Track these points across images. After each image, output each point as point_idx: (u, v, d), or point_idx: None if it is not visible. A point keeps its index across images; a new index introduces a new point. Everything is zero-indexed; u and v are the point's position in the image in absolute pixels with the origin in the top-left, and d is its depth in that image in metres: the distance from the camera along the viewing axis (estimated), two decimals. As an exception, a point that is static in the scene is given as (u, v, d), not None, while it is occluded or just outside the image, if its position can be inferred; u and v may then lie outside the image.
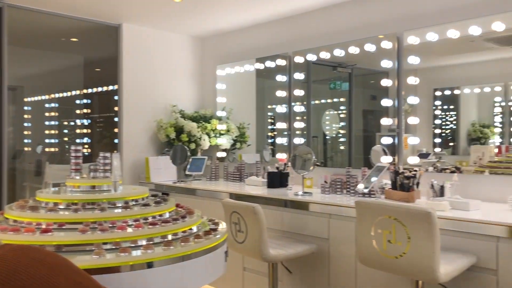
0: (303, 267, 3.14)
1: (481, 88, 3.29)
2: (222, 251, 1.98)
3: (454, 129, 3.37)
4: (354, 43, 3.75)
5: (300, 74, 4.20)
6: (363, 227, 2.37)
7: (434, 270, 2.09)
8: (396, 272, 2.28)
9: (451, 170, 3.20)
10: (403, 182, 2.95)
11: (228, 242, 2.92)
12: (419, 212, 2.13)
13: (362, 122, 3.96)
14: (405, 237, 2.18)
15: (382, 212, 2.27)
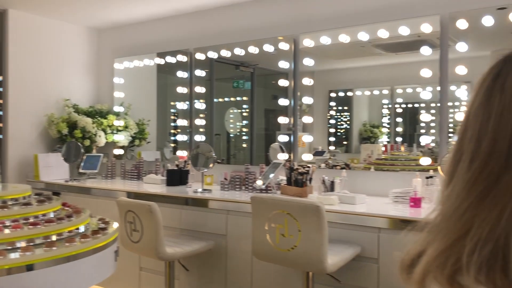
0: (201, 264, 3.14)
1: (371, 91, 3.53)
2: (111, 251, 1.91)
3: (347, 129, 3.58)
4: (253, 43, 3.82)
5: (201, 71, 4.18)
6: (258, 222, 2.42)
7: (322, 261, 2.20)
8: (288, 264, 2.37)
9: (341, 166, 3.39)
10: (297, 178, 3.07)
11: (122, 241, 2.83)
12: (309, 206, 2.23)
13: (264, 121, 4.05)
14: (296, 230, 2.27)
15: (276, 207, 2.34)
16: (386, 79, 3.45)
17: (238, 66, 4.04)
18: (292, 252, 2.29)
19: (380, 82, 3.47)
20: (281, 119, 3.67)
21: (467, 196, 0.53)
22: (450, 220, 0.55)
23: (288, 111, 3.65)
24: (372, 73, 3.52)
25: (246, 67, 4.04)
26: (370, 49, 3.37)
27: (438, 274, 0.52)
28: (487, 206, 0.51)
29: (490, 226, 0.50)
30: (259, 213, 2.41)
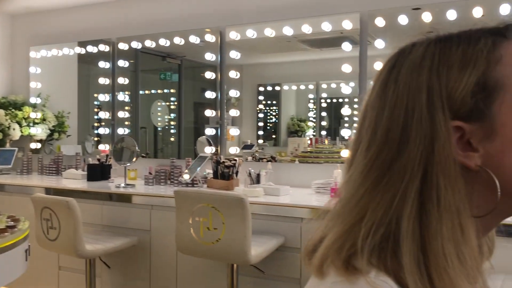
0: (124, 261, 3.04)
1: (298, 86, 3.60)
2: (21, 250, 1.79)
3: (276, 123, 3.63)
4: (179, 34, 3.75)
5: (124, 61, 4.04)
6: (182, 216, 2.39)
7: (246, 253, 2.21)
8: (213, 257, 2.36)
9: (268, 159, 3.43)
10: (223, 171, 3.06)
11: (38, 240, 2.68)
12: (233, 198, 2.23)
13: (193, 114, 3.99)
14: (220, 223, 2.26)
15: (200, 201, 2.32)
16: (311, 74, 3.53)
17: (164, 57, 3.95)
18: (217, 245, 2.28)
19: (306, 77, 3.55)
20: (208, 112, 3.64)
21: (363, 182, 0.55)
22: (348, 206, 0.56)
23: (216, 105, 3.63)
24: (299, 68, 3.60)
25: (173, 58, 3.96)
26: (296, 44, 3.43)
27: (335, 258, 0.53)
28: (381, 191, 0.53)
29: (383, 211, 0.52)
30: (183, 207, 2.38)
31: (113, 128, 4.07)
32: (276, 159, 3.44)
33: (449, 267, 0.49)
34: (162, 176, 3.38)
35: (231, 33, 3.52)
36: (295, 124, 3.55)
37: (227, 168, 3.05)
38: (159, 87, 4.10)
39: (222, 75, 3.60)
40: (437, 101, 0.53)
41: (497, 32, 0.56)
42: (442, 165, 0.51)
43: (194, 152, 3.71)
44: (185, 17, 3.75)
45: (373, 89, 0.59)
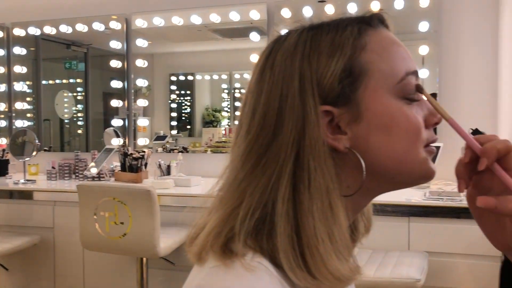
0: (25, 261, 2.86)
1: (211, 76, 3.58)
2: None
3: (190, 113, 3.58)
4: (82, 20, 3.55)
5: (21, 48, 3.75)
6: (86, 211, 2.29)
7: (155, 246, 2.17)
8: (121, 252, 2.29)
9: (179, 150, 3.39)
10: (131, 164, 2.97)
11: None
12: (139, 191, 2.17)
13: (102, 105, 3.80)
14: (127, 217, 2.20)
15: (105, 194, 2.23)
16: (224, 64, 3.52)
17: (69, 45, 3.73)
18: (124, 239, 2.21)
19: (219, 66, 3.54)
20: (115, 102, 3.51)
21: (243, 166, 0.56)
22: (229, 191, 0.56)
23: (125, 95, 3.50)
24: (211, 57, 3.57)
25: (78, 46, 3.75)
26: (207, 34, 3.40)
27: (214, 243, 0.53)
28: (258, 175, 0.54)
29: (259, 193, 0.53)
30: (87, 202, 2.28)
31: (11, 120, 3.78)
32: (188, 150, 3.40)
33: (320, 245, 0.51)
34: (66, 170, 3.20)
35: (137, 21, 3.40)
36: (210, 115, 3.54)
37: (135, 160, 2.96)
38: (64, 77, 3.86)
39: (129, 64, 3.48)
40: (308, 87, 0.54)
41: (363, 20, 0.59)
42: (312, 147, 0.53)
43: (102, 144, 3.56)
44: (88, 3, 3.55)
45: (252, 76, 0.60)
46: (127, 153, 3.00)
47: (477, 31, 2.76)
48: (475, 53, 2.76)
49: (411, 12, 2.85)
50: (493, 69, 2.71)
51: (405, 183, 0.59)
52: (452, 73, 2.81)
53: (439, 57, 2.83)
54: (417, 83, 0.58)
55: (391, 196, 1.05)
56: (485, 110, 2.71)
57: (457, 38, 2.80)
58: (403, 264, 1.93)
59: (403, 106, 0.56)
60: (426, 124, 0.58)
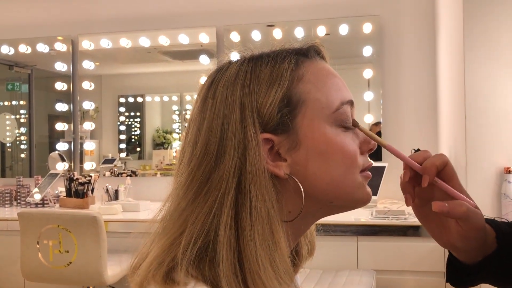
0: (-40, 296, 2.67)
1: (161, 97, 3.54)
2: None
3: (140, 135, 3.51)
4: (25, 41, 3.44)
5: (-42, 70, 3.58)
6: (27, 240, 2.18)
7: (101, 274, 2.10)
8: (66, 281, 2.19)
9: (127, 174, 3.31)
10: (77, 189, 2.87)
11: None
12: (85, 217, 2.10)
13: (48, 128, 3.66)
14: (72, 244, 2.11)
15: (48, 222, 2.14)
16: (175, 85, 3.51)
17: (12, 66, 3.59)
18: (69, 268, 2.12)
19: (169, 88, 3.51)
20: (60, 125, 3.39)
21: (185, 195, 0.56)
22: (171, 220, 0.56)
23: (74, 117, 3.40)
24: (162, 79, 3.55)
25: (21, 67, 3.62)
26: (157, 56, 3.38)
27: (156, 273, 0.53)
28: (200, 203, 0.54)
29: (201, 222, 0.53)
30: (28, 230, 2.17)
31: None
32: (136, 173, 3.33)
33: (262, 272, 0.51)
34: (6, 197, 3.05)
35: (83, 42, 3.34)
36: (160, 136, 3.49)
37: (81, 185, 2.86)
38: (6, 99, 3.70)
39: (74, 85, 3.39)
40: (249, 116, 0.56)
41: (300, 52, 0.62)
42: (254, 174, 0.54)
43: (47, 169, 3.42)
44: (32, 24, 3.45)
45: (195, 104, 0.61)
46: (72, 178, 2.90)
47: (416, 53, 2.90)
48: (415, 74, 2.91)
49: (355, 37, 2.97)
50: (432, 89, 2.86)
51: (343, 207, 0.61)
52: (394, 94, 2.93)
53: (382, 79, 2.95)
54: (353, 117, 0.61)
55: (340, 216, 1.07)
56: (426, 130, 2.84)
57: (398, 61, 2.93)
58: (352, 283, 1.97)
59: (339, 133, 0.59)
60: (361, 150, 0.61)
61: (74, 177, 2.91)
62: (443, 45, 2.54)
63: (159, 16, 3.24)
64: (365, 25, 2.91)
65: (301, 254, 0.67)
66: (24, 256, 2.19)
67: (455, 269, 0.69)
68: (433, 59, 2.86)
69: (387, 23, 2.94)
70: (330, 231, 2.01)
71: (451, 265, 0.70)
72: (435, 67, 2.85)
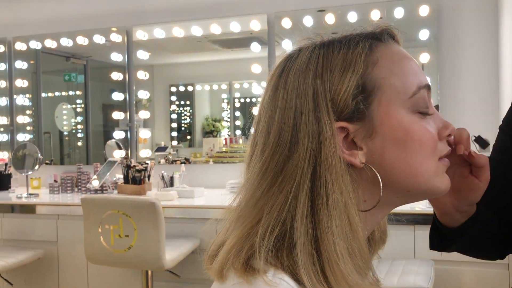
0: (29, 276, 2.84)
1: (211, 86, 3.58)
2: None
3: (190, 123, 3.58)
4: (82, 33, 3.57)
5: (23, 62, 3.76)
6: (90, 224, 2.28)
7: (160, 258, 2.16)
8: (126, 265, 2.28)
9: (181, 161, 3.38)
10: (134, 176, 2.97)
11: None
12: (144, 203, 2.17)
13: (102, 117, 3.80)
14: (132, 229, 2.19)
15: (109, 207, 2.22)
16: (224, 74, 3.53)
17: (68, 58, 3.74)
18: (129, 252, 2.20)
19: (218, 77, 3.54)
20: (116, 114, 3.51)
21: (260, 184, 0.56)
22: (246, 209, 0.57)
23: (126, 106, 3.51)
24: (211, 68, 3.58)
25: (78, 59, 3.76)
26: (207, 45, 3.42)
27: (235, 260, 0.53)
28: (275, 192, 0.54)
29: (277, 211, 0.54)
30: (91, 215, 2.27)
31: (12, 134, 3.78)
32: (190, 161, 3.40)
33: (340, 261, 0.51)
34: (68, 183, 3.20)
35: (138, 33, 3.42)
36: (209, 124, 3.54)
37: (138, 172, 2.96)
38: (64, 89, 3.87)
39: (130, 75, 3.49)
40: (322, 104, 0.55)
41: (374, 36, 0.60)
42: (329, 164, 0.54)
43: (104, 156, 3.56)
44: (89, 16, 3.57)
45: (265, 93, 0.61)
46: (130, 165, 3.00)
47: (477, 36, 2.77)
48: (475, 58, 2.78)
49: (411, 20, 2.87)
50: (494, 75, 2.73)
51: (421, 196, 0.60)
52: (453, 79, 2.82)
53: (439, 64, 2.84)
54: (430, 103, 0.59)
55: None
56: (487, 116, 2.72)
57: (457, 44, 2.81)
58: (410, 273, 1.93)
59: (416, 120, 0.57)
60: (439, 136, 0.59)
61: (131, 164, 3.00)
62: (507, 27, 2.41)
63: (211, 4, 3.26)
64: (422, 8, 2.80)
65: (374, 242, 0.66)
66: (87, 240, 2.29)
67: (439, 234, 0.80)
68: (495, 42, 2.72)
69: (445, 5, 2.82)
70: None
71: (434, 232, 0.81)
72: (497, 50, 2.71)
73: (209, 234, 2.39)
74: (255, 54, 3.21)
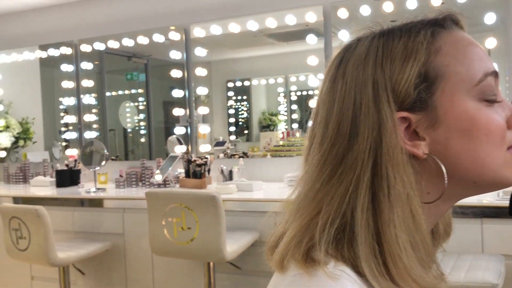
0: (98, 266, 3.00)
1: (267, 80, 3.60)
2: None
3: (247, 118, 3.62)
4: (143, 33, 3.70)
5: (88, 63, 3.96)
6: (154, 217, 2.37)
7: (221, 250, 2.21)
8: (188, 257, 2.35)
9: (239, 155, 3.43)
10: (195, 170, 3.05)
11: (8, 251, 2.61)
12: (205, 196, 2.22)
13: (163, 113, 3.94)
14: (194, 222, 2.25)
15: (172, 201, 2.30)
16: (280, 67, 3.54)
17: (130, 57, 3.89)
18: (191, 244, 2.27)
19: (274, 70, 3.55)
20: (177, 110, 3.61)
21: (319, 176, 0.56)
22: (305, 201, 0.57)
23: (185, 103, 3.60)
24: (267, 62, 3.60)
25: (139, 58, 3.90)
26: (263, 39, 3.43)
27: (295, 252, 0.54)
28: (335, 184, 0.54)
29: (337, 203, 0.53)
30: (155, 208, 2.36)
31: (81, 132, 4.00)
32: (248, 155, 3.44)
33: (403, 254, 0.50)
34: (133, 178, 3.34)
35: (195, 30, 3.50)
36: (266, 119, 3.56)
37: (198, 167, 3.03)
38: (126, 88, 4.03)
39: (189, 73, 3.57)
40: (383, 94, 0.54)
41: (436, 23, 0.58)
42: (390, 155, 0.53)
43: (165, 152, 3.68)
44: (148, 16, 3.70)
45: (323, 85, 0.60)
46: (190, 160, 3.08)
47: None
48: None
49: (475, 3, 2.73)
50: None
51: (487, 188, 0.58)
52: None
53: (507, 49, 2.68)
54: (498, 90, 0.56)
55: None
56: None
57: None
58: (478, 268, 1.85)
59: (483, 108, 0.55)
60: (508, 125, 0.56)
61: (191, 159, 3.08)
62: None
63: (266, -2, 3.27)
64: (487, -10, 2.66)
65: (438, 234, 0.64)
66: (152, 233, 2.38)
67: None
68: None
69: (514, -15, 2.65)
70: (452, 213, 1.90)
71: None
72: None
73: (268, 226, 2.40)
74: (311, 46, 3.18)
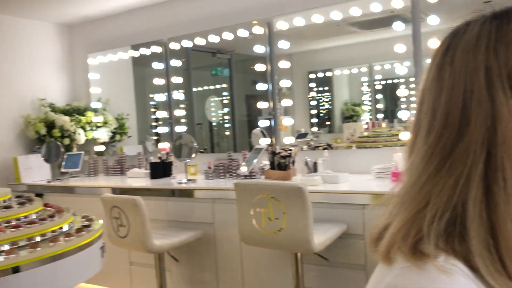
0: (191, 254, 3.15)
1: (350, 70, 3.54)
2: (97, 247, 1.91)
3: (329, 109, 3.59)
4: (227, 28, 3.79)
5: (177, 61, 4.15)
6: (243, 208, 2.44)
7: (309, 241, 2.23)
8: (276, 247, 2.39)
9: (324, 147, 3.41)
10: (280, 162, 3.08)
11: (110, 238, 2.83)
12: (292, 188, 2.25)
13: (246, 107, 4.03)
14: (281, 213, 2.29)
15: (259, 192, 2.35)
16: (363, 56, 3.45)
17: (214, 53, 4.01)
18: (279, 235, 2.31)
19: (358, 60, 3.48)
20: (261, 103, 3.67)
21: (426, 168, 0.55)
22: (411, 193, 0.56)
23: (268, 96, 3.65)
24: (350, 51, 3.53)
25: (223, 54, 4.01)
26: (345, 28, 3.37)
27: (402, 244, 0.53)
28: (444, 176, 0.53)
29: (447, 196, 0.52)
30: (244, 199, 2.43)
31: (171, 126, 4.20)
32: (332, 146, 3.41)
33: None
34: (221, 170, 3.45)
35: (278, 23, 3.52)
36: (349, 109, 3.50)
37: (283, 159, 3.06)
38: (211, 83, 4.17)
39: (272, 66, 3.61)
40: (497, 81, 0.51)
41: None
42: (507, 146, 0.50)
43: (249, 144, 3.76)
44: (232, 12, 3.78)
45: (428, 73, 0.59)
46: (275, 152, 3.12)
47: None
48: None
49: None
50: None
51: None
52: None
53: None
54: None
55: None
56: None
57: None
58: None
59: None
60: None
61: (276, 151, 3.12)
62: None
63: (349, -13, 3.20)
64: None
65: None
66: (241, 222, 2.46)
67: None
68: None
69: None
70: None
71: None
72: None
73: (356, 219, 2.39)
74: (397, 33, 3.07)
